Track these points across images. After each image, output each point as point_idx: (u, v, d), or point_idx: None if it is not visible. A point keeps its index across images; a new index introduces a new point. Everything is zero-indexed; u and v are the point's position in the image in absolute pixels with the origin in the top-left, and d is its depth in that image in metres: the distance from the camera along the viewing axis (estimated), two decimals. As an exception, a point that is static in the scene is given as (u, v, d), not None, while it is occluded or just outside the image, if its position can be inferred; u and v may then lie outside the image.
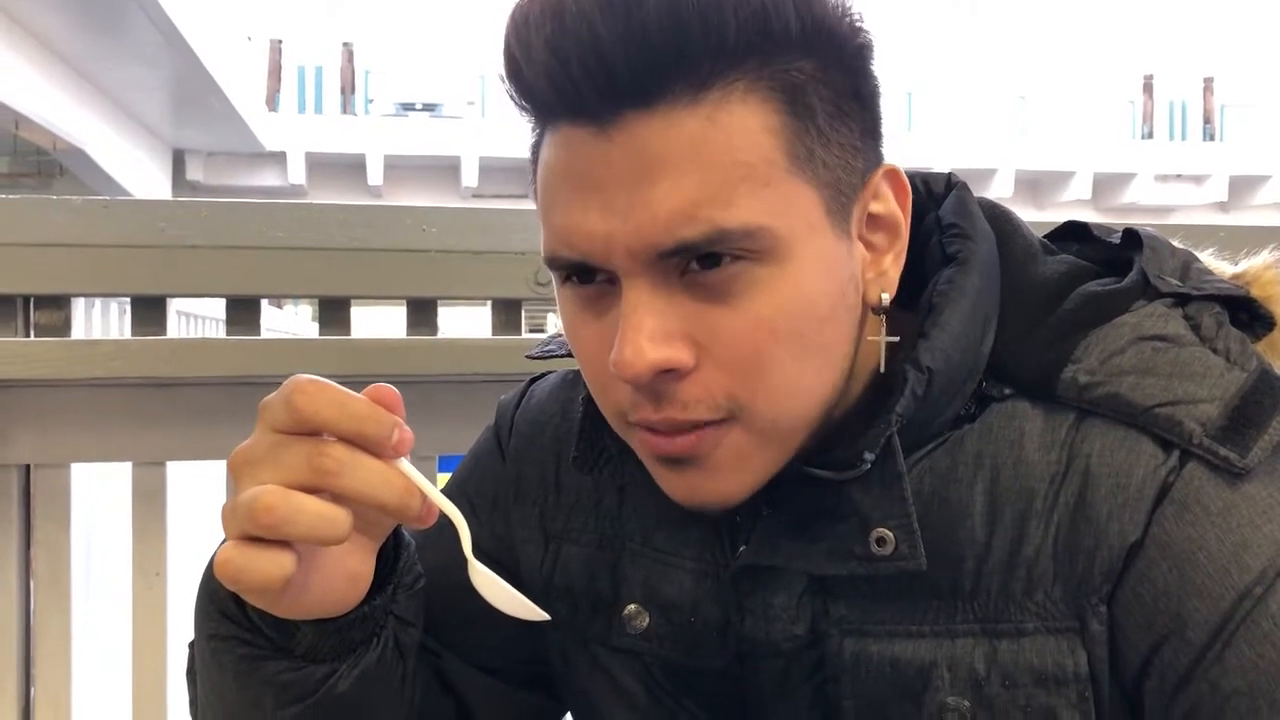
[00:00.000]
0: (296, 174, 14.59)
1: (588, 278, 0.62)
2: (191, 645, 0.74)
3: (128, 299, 1.44)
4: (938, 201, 0.72)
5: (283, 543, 0.56)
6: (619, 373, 0.60)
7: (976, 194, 0.73)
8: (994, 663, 0.63)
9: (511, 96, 0.62)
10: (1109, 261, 0.71)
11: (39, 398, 1.37)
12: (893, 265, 0.66)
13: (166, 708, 1.46)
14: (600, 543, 0.76)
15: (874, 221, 0.65)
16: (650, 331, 0.59)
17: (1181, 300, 0.67)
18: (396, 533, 0.67)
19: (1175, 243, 0.73)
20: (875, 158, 0.65)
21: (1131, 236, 0.72)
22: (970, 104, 17.11)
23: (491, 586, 0.62)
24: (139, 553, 1.45)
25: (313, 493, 0.56)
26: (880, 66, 0.66)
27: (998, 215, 0.72)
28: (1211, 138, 18.06)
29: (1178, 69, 17.84)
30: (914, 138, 15.22)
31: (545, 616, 0.62)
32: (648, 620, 0.72)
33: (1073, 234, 0.76)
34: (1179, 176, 16.80)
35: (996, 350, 0.67)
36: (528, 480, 0.80)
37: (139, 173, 12.33)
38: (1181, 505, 0.61)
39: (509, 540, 0.80)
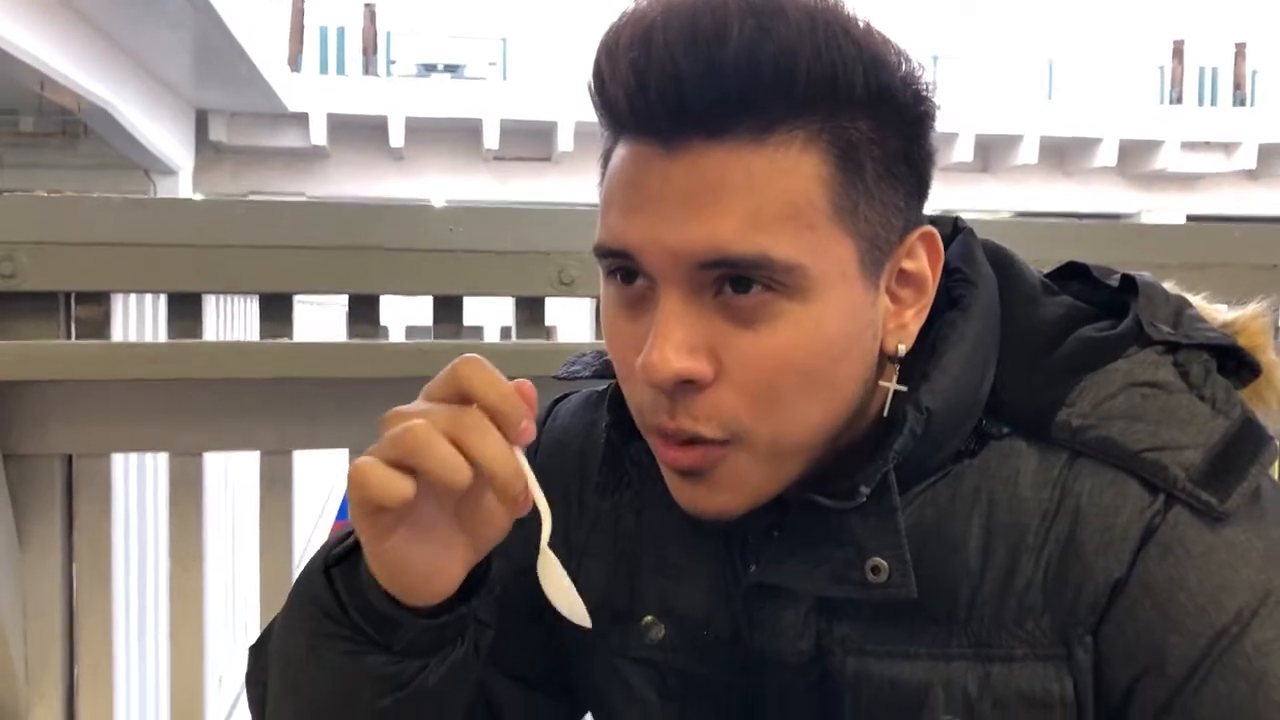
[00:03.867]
0: (319, 135, 14.58)
1: (630, 279, 0.67)
2: (256, 649, 0.79)
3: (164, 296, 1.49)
4: (944, 243, 0.76)
5: (411, 475, 0.61)
6: (645, 375, 0.65)
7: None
8: (986, 685, 0.68)
9: (594, 104, 0.68)
10: (1106, 304, 0.75)
11: (80, 392, 1.42)
12: (914, 320, 0.70)
13: (204, 689, 1.52)
14: (619, 558, 0.80)
15: (904, 277, 0.69)
16: (678, 341, 0.64)
17: (1172, 347, 0.71)
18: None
19: (1169, 288, 0.76)
20: (916, 219, 0.69)
21: (1128, 281, 0.75)
22: (996, 69, 16.91)
23: (556, 580, 0.66)
24: (176, 540, 1.51)
25: None
26: (936, 133, 0.70)
27: (1000, 258, 0.76)
28: (1242, 104, 17.80)
29: (1209, 34, 17.57)
30: (940, 103, 14.96)
31: (589, 624, 0.67)
32: (663, 632, 0.77)
33: (1072, 273, 0.79)
34: (1207, 144, 16.58)
35: (996, 390, 0.71)
36: (553, 496, 0.84)
37: (163, 133, 12.36)
38: (1165, 547, 0.65)
39: (535, 551, 0.84)
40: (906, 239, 0.68)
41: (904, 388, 0.69)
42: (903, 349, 0.69)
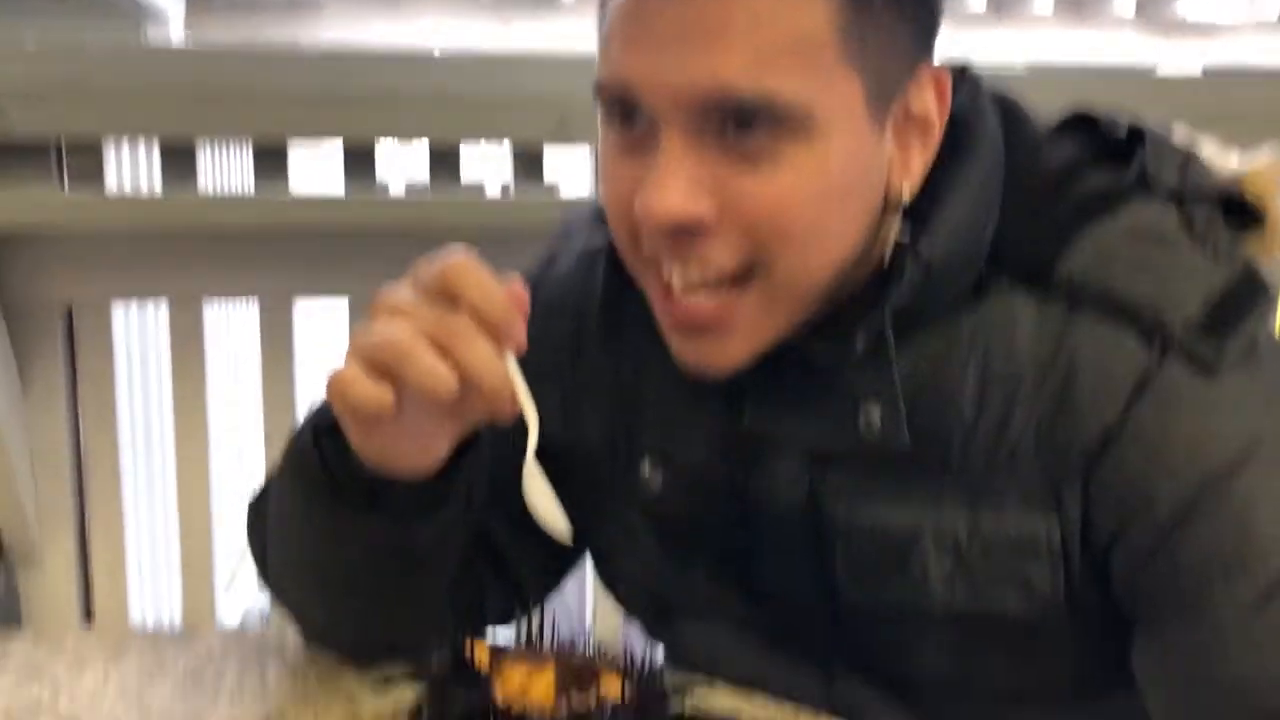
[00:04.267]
0: (312, -24, 14.10)
1: (630, 120, 0.65)
2: (254, 505, 0.80)
3: (157, 143, 1.47)
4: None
5: (391, 382, 0.61)
6: (644, 216, 0.64)
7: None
8: (975, 532, 0.69)
9: None
10: (1113, 153, 0.73)
11: (76, 243, 1.42)
12: (919, 164, 0.68)
13: (211, 531, 1.56)
14: (618, 409, 0.80)
15: (910, 119, 0.68)
16: (678, 183, 0.63)
17: (1177, 197, 0.70)
18: None
19: (1178, 136, 0.74)
20: (925, 58, 0.67)
21: (1135, 131, 0.74)
22: (1014, -91, 16.24)
23: (540, 490, 0.66)
24: (179, 389, 1.52)
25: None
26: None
27: (1006, 106, 0.74)
28: (1268, -52, 17.12)
29: (1238, -128, 16.76)
30: (954, -53, 14.45)
31: (569, 541, 0.67)
32: (661, 480, 0.78)
33: (1080, 123, 0.77)
34: (1230, -9, 16.02)
35: (998, 239, 0.70)
36: (548, 348, 0.84)
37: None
38: (1157, 396, 0.65)
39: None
40: (914, 77, 0.66)
41: (905, 240, 0.68)
42: (906, 196, 0.68)
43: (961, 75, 0.74)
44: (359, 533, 0.70)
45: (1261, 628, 0.63)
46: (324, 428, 0.69)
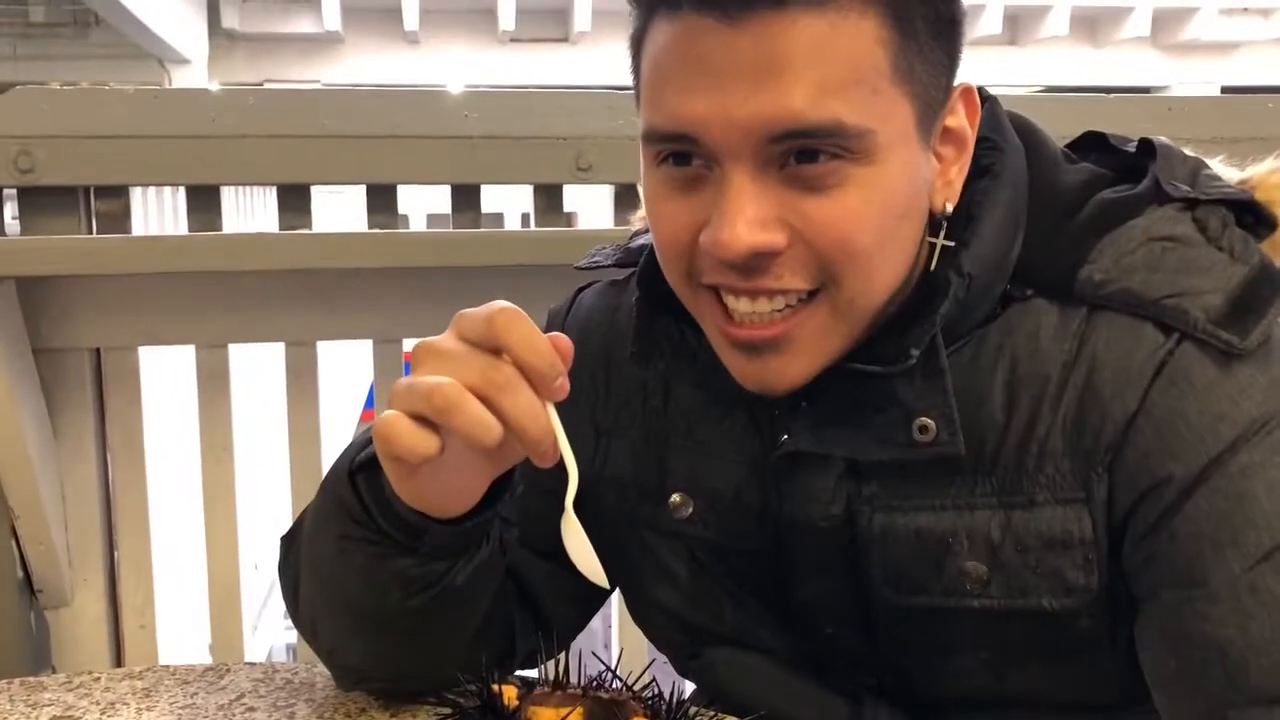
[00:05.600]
0: (332, 20, 14.28)
1: (684, 160, 0.67)
2: (287, 540, 0.81)
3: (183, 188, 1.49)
4: None
5: (436, 430, 0.62)
6: (717, 252, 0.65)
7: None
8: (1008, 530, 0.70)
9: None
10: (1126, 169, 0.75)
11: (104, 286, 1.44)
12: (957, 176, 0.71)
13: (239, 573, 1.57)
14: (647, 437, 0.81)
15: (947, 135, 0.70)
16: (749, 216, 0.64)
17: (1190, 204, 0.72)
18: None
19: (1186, 151, 0.76)
20: (955, 77, 0.70)
21: (1146, 145, 0.76)
22: (1026, -65, 16.31)
23: (577, 538, 0.66)
24: (206, 431, 1.54)
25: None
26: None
27: (1024, 128, 0.76)
28: (1282, -34, 17.16)
29: (1249, -108, 16.82)
30: (966, -27, 14.50)
31: (605, 584, 0.67)
32: (691, 507, 0.79)
33: (1092, 143, 0.80)
34: (1245, 10, 16.04)
35: (1021, 255, 0.72)
36: (578, 382, 0.84)
37: (175, 21, 12.17)
38: (1170, 379, 0.67)
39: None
40: (951, 95, 0.69)
41: (951, 243, 0.70)
42: (949, 207, 0.70)
43: (980, 96, 0.76)
44: (396, 570, 0.71)
45: (1250, 595, 0.64)
46: (359, 468, 0.70)
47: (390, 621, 0.74)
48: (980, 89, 0.77)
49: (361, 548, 0.71)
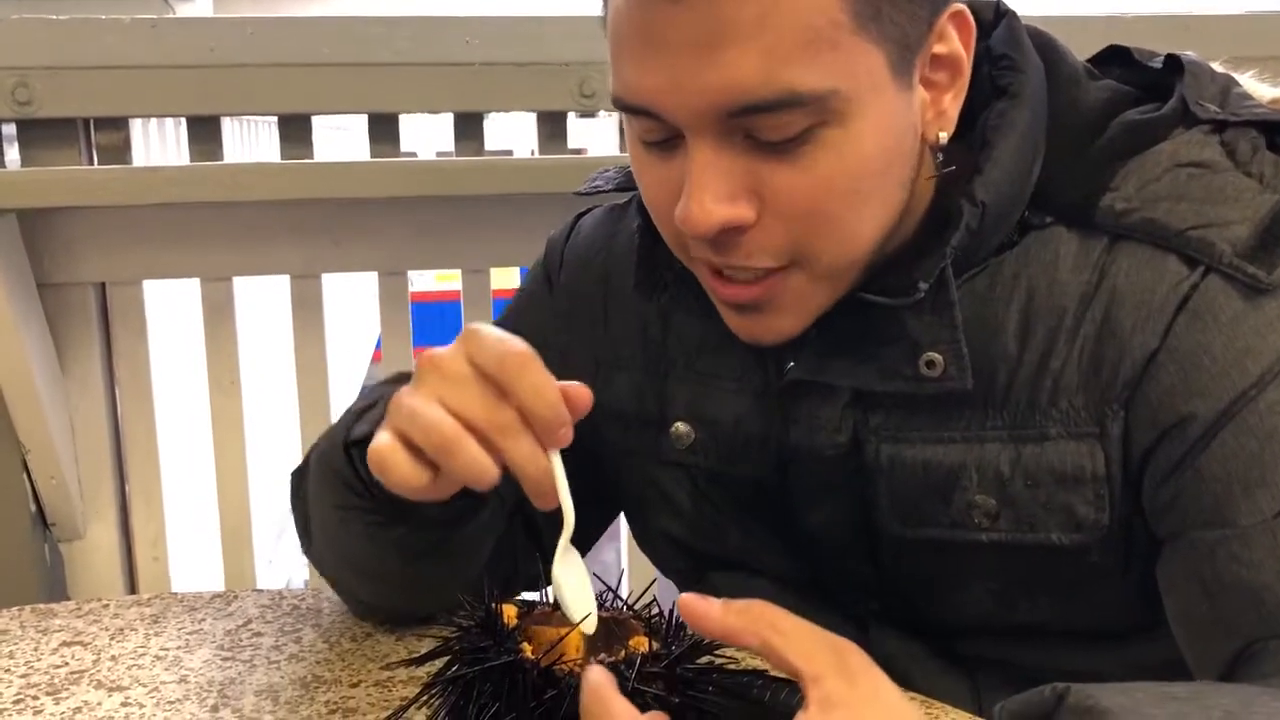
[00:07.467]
0: (336, -48, 14.09)
1: (655, 121, 0.64)
2: (297, 476, 0.81)
3: (183, 119, 1.48)
4: (986, 31, 0.72)
5: (430, 464, 0.59)
6: (684, 228, 0.63)
7: None
8: (1018, 465, 0.69)
9: None
10: (1151, 86, 0.72)
11: (107, 219, 1.43)
12: (952, 104, 0.67)
13: (249, 504, 1.58)
14: (647, 367, 0.80)
15: (937, 61, 0.66)
16: (715, 191, 0.62)
17: (1219, 126, 0.69)
18: None
19: (1216, 67, 0.73)
20: (943, 5, 0.65)
21: (1173, 61, 0.72)
22: None
23: (569, 584, 0.60)
24: (213, 363, 1.54)
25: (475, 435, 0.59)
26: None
27: (1044, 43, 0.73)
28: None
29: None
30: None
31: (591, 630, 0.59)
32: (693, 436, 0.78)
33: (1115, 58, 0.76)
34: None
35: (1041, 179, 0.69)
36: (578, 311, 0.84)
37: (177, -45, 11.99)
38: (1194, 314, 0.65)
39: (560, 373, 0.84)
40: (936, 24, 0.64)
41: (951, 168, 0.67)
42: (944, 136, 0.67)
43: (997, 10, 0.73)
44: (395, 538, 0.71)
45: None
46: (354, 439, 0.69)
47: (392, 576, 0.75)
48: (998, 2, 0.74)
49: (359, 517, 0.71)
